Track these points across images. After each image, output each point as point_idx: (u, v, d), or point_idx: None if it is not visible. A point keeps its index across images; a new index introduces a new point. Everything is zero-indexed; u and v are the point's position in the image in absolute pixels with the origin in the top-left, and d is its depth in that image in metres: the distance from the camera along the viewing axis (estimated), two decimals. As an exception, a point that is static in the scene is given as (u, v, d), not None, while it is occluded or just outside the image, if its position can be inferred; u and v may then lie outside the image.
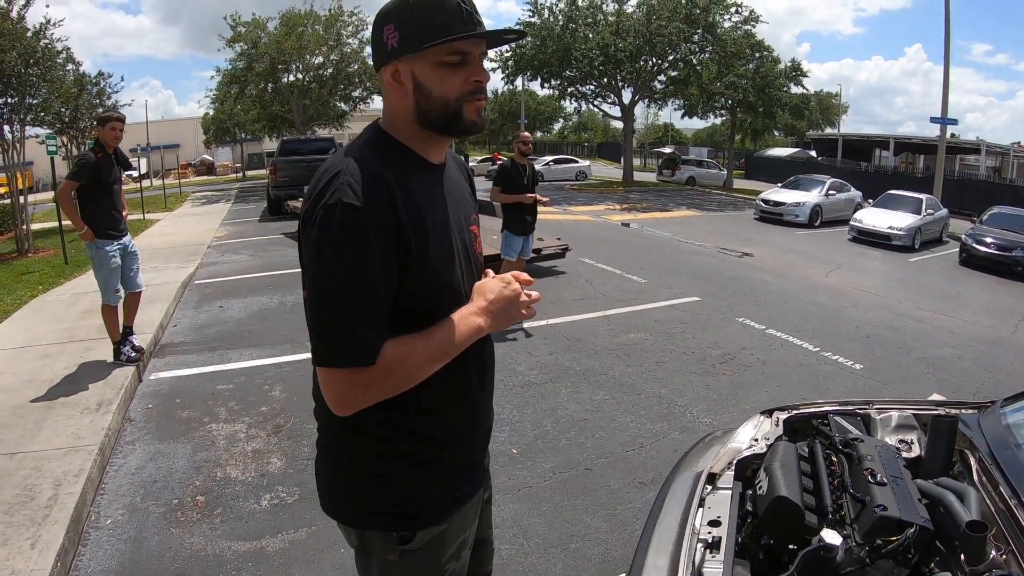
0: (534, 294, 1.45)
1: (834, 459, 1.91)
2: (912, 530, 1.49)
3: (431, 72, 1.28)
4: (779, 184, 21.43)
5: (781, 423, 2.28)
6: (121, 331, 5.61)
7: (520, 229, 6.86)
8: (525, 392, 5.09)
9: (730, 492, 1.87)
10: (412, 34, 1.26)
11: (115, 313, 5.52)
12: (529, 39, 28.99)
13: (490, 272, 1.50)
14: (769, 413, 2.38)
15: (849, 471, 1.80)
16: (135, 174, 35.64)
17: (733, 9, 28.35)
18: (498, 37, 1.37)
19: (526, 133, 7.10)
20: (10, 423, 4.36)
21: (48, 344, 6.18)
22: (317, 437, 1.48)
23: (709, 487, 1.95)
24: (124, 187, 5.99)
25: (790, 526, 1.61)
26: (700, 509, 1.82)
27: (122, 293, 5.55)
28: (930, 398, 5.21)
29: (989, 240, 13.75)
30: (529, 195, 6.69)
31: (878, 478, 1.68)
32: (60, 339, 6.34)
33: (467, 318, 1.33)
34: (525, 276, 1.46)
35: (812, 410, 2.36)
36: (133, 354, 5.58)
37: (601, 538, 3.20)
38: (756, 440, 2.17)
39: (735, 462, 2.04)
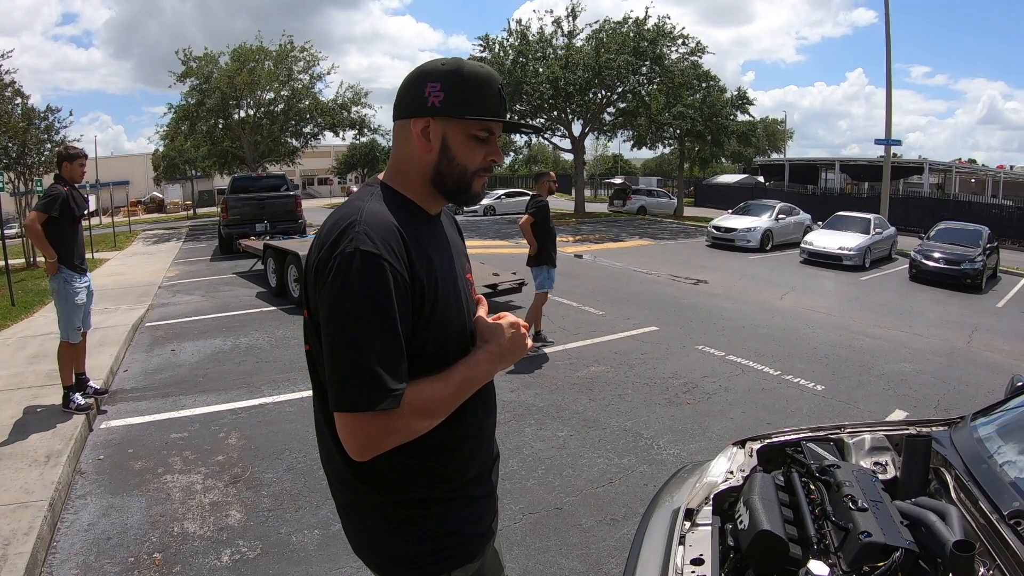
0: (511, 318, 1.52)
1: (812, 487, 1.90)
2: (898, 554, 1.50)
3: (462, 140, 1.37)
4: (729, 211, 21.94)
5: (755, 453, 2.28)
6: (73, 378, 5.41)
7: (553, 262, 7.19)
8: (490, 430, 4.99)
9: (710, 528, 1.85)
10: (458, 101, 1.34)
11: (73, 353, 5.37)
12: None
13: (480, 311, 1.54)
14: (742, 444, 2.37)
15: (829, 499, 1.80)
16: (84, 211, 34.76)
17: (680, 41, 29.20)
18: (516, 127, 1.49)
19: (552, 172, 7.64)
20: None
21: (-8, 392, 5.90)
22: (335, 497, 1.50)
23: (688, 524, 1.92)
24: None
25: (775, 559, 1.60)
26: (681, 547, 1.79)
27: (81, 331, 5.41)
28: (897, 417, 5.30)
29: (937, 255, 14.28)
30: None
31: (859, 504, 1.68)
32: (6, 386, 6.05)
33: (481, 361, 1.39)
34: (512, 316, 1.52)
35: (785, 438, 2.37)
36: (82, 402, 5.34)
37: (577, 579, 3.14)
38: (731, 472, 2.16)
39: (712, 496, 2.02)
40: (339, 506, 1.50)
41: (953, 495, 1.85)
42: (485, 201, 35.28)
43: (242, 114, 29.88)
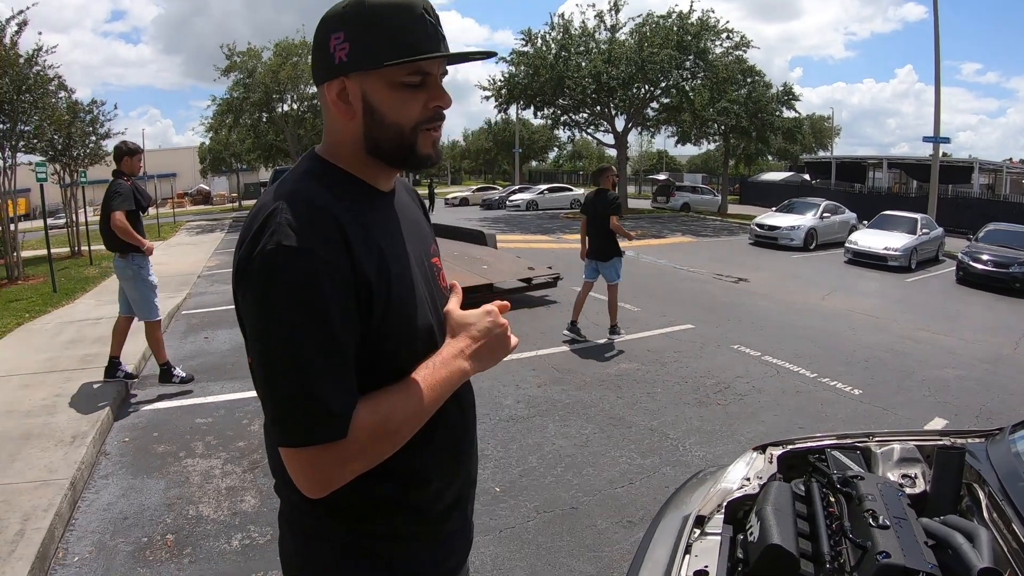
0: (493, 306, 1.27)
1: (832, 499, 1.76)
2: (918, 578, 1.35)
3: (387, 94, 1.08)
4: (773, 208, 21.46)
5: (775, 460, 2.14)
6: (110, 358, 5.67)
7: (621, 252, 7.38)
8: (511, 427, 4.92)
9: (719, 538, 1.73)
10: (367, 47, 1.05)
11: (160, 329, 5.72)
12: (522, 69, 29.21)
13: (452, 301, 1.27)
14: (763, 449, 2.24)
15: (848, 513, 1.66)
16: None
17: (724, 35, 28.66)
18: (463, 57, 1.15)
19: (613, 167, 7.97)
20: None
21: (29, 374, 6.05)
22: (281, 508, 1.24)
23: (698, 531, 1.80)
24: None
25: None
26: (687, 556, 1.68)
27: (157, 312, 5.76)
28: (934, 427, 5.06)
29: (986, 257, 13.72)
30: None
31: (880, 520, 1.54)
32: (42, 369, 6.21)
33: (449, 362, 1.13)
34: (502, 302, 1.27)
35: (808, 445, 2.22)
36: (183, 374, 5.84)
37: (587, 582, 3.04)
38: (748, 479, 2.02)
39: (725, 504, 1.89)
40: (284, 520, 1.25)
41: (985, 514, 1.70)
42: (528, 195, 35.43)
43: (286, 108, 30.35)
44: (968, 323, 9.72)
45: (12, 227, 12.03)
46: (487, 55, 1.18)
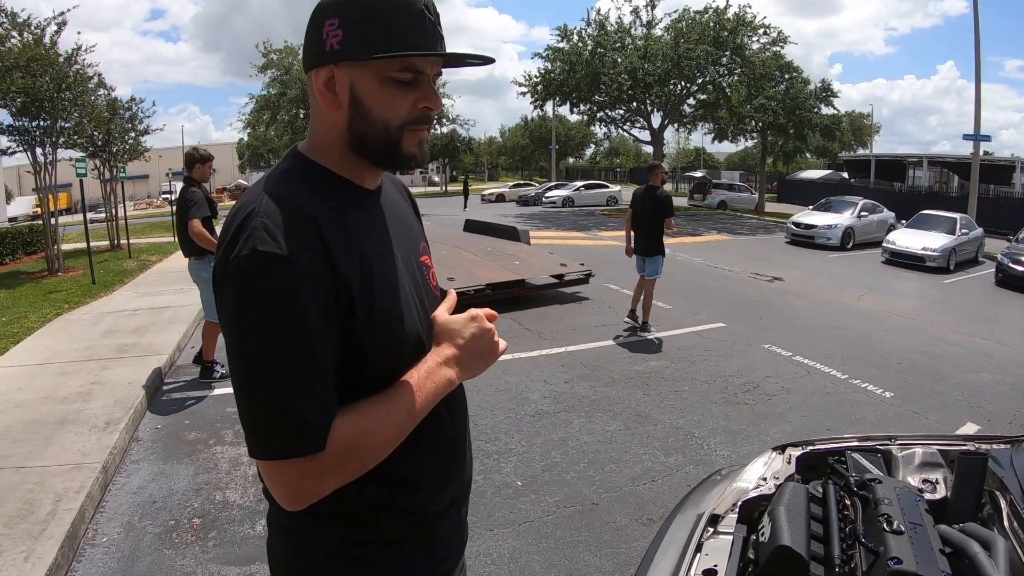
0: (481, 311, 1.24)
1: (848, 502, 1.73)
2: (930, 587, 1.32)
3: (376, 88, 1.04)
4: (810, 207, 21.08)
5: (794, 460, 2.11)
6: (205, 361, 5.96)
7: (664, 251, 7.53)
8: (536, 422, 4.93)
9: (731, 537, 1.71)
10: (360, 37, 1.01)
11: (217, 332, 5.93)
12: (558, 64, 29.13)
13: (441, 307, 1.24)
14: (782, 449, 2.21)
15: (863, 517, 1.63)
16: (171, 196, 36.66)
17: (761, 31, 28.21)
18: (459, 59, 1.11)
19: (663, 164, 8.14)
20: (21, 438, 4.41)
21: (67, 362, 6.22)
22: (269, 515, 1.22)
23: (711, 530, 1.78)
24: (156, 209, 6.24)
25: (793, 579, 1.44)
26: (697, 555, 1.66)
27: None
28: (960, 432, 4.94)
29: (1026, 259, 13.28)
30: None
31: (894, 525, 1.50)
32: (79, 357, 6.37)
33: (435, 371, 1.10)
34: (488, 310, 1.23)
35: (828, 446, 2.18)
36: (224, 371, 5.92)
37: (602, 579, 3.03)
38: (765, 479, 2.00)
39: (740, 503, 1.87)
40: (273, 523, 1.21)
41: (1006, 523, 1.65)
42: (564, 192, 35.40)
43: (323, 104, 30.69)
44: (1006, 326, 9.43)
45: (53, 221, 12.37)
46: (485, 60, 1.12)
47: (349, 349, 1.02)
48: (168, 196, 36.20)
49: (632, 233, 7.57)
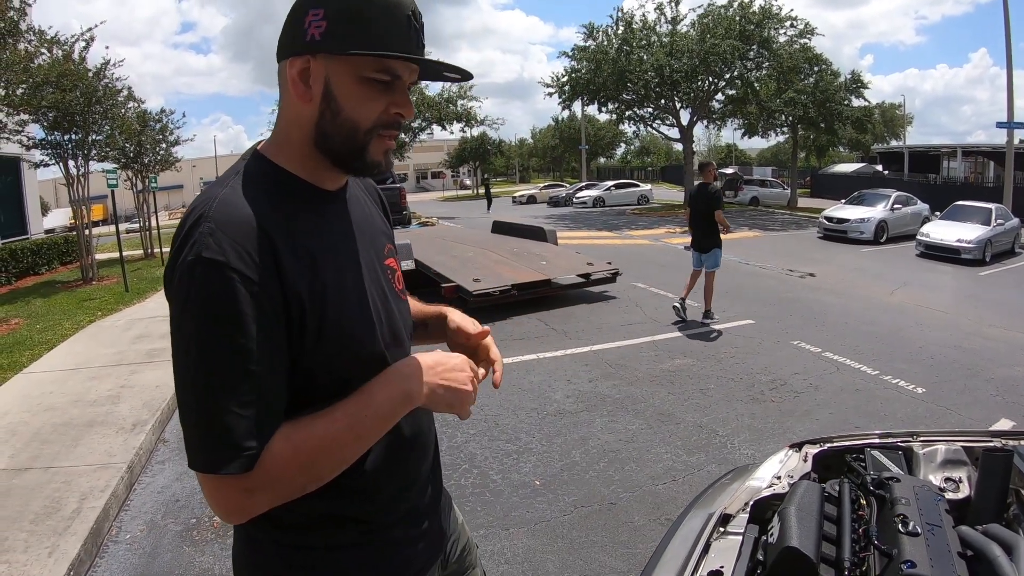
0: (480, 372, 1.19)
1: (863, 502, 1.67)
2: (945, 592, 1.25)
3: (351, 86, 1.00)
4: (843, 200, 20.69)
5: (811, 459, 2.04)
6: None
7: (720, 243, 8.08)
8: (557, 421, 4.89)
9: (741, 538, 1.65)
10: (343, 31, 0.98)
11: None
12: (584, 64, 29.01)
13: (455, 315, 1.26)
14: (799, 447, 2.14)
15: (878, 517, 1.56)
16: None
17: (788, 23, 27.71)
18: (437, 71, 1.08)
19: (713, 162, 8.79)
20: (51, 439, 4.54)
21: (98, 367, 6.35)
22: None
23: (720, 530, 1.73)
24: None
25: (800, 582, 1.39)
26: (704, 556, 1.61)
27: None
28: (989, 428, 4.77)
29: (1064, 249, 12.88)
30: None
31: (910, 527, 1.43)
32: (109, 362, 6.50)
33: (391, 383, 1.04)
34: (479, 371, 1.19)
35: (847, 443, 2.11)
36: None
37: (617, 580, 2.98)
38: (779, 478, 1.93)
39: (752, 503, 1.81)
40: (236, 529, 1.17)
41: None
42: (594, 192, 35.35)
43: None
44: (1044, 319, 9.13)
45: (87, 232, 12.65)
46: (463, 75, 1.09)
47: (300, 361, 0.98)
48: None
49: (691, 229, 8.13)
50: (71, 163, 12.50)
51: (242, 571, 1.16)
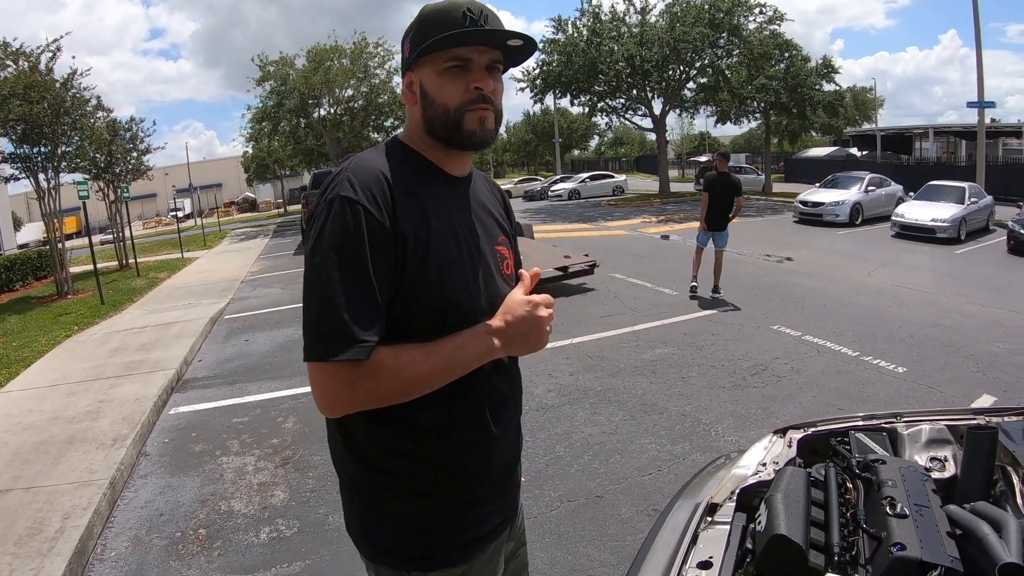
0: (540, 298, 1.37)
1: (849, 485, 1.66)
2: (937, 572, 1.24)
3: (435, 79, 1.26)
4: (817, 184, 20.86)
5: (795, 444, 2.03)
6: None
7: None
8: (540, 416, 4.86)
9: (728, 527, 1.64)
10: (418, 45, 1.25)
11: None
12: (555, 57, 29.01)
13: (518, 287, 1.38)
14: (783, 432, 2.13)
15: (865, 500, 1.55)
16: (179, 214, 36.82)
17: (757, 10, 27.84)
18: (502, 42, 1.28)
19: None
20: (32, 459, 4.47)
21: (75, 382, 6.26)
22: (340, 479, 1.40)
23: (708, 519, 1.72)
24: (165, 227, 6.21)
25: (790, 568, 1.38)
26: (693, 547, 1.60)
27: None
28: (981, 404, 4.83)
29: (1038, 225, 13.05)
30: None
31: (898, 508, 1.42)
32: (87, 377, 6.41)
33: (480, 336, 1.24)
34: (547, 297, 1.38)
35: (831, 427, 2.11)
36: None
37: (606, 573, 2.96)
38: (764, 465, 1.93)
39: (738, 491, 1.80)
40: (340, 484, 1.41)
41: (1019, 500, 1.57)
42: (569, 185, 35.39)
43: (322, 112, 30.67)
44: (1019, 294, 9.25)
45: (60, 245, 12.45)
46: (526, 41, 1.28)
47: (399, 298, 1.19)
48: (176, 213, 36.36)
49: (707, 212, 8.74)
50: (41, 176, 12.29)
51: (346, 509, 1.38)
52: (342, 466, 1.35)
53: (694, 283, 8.81)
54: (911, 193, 18.18)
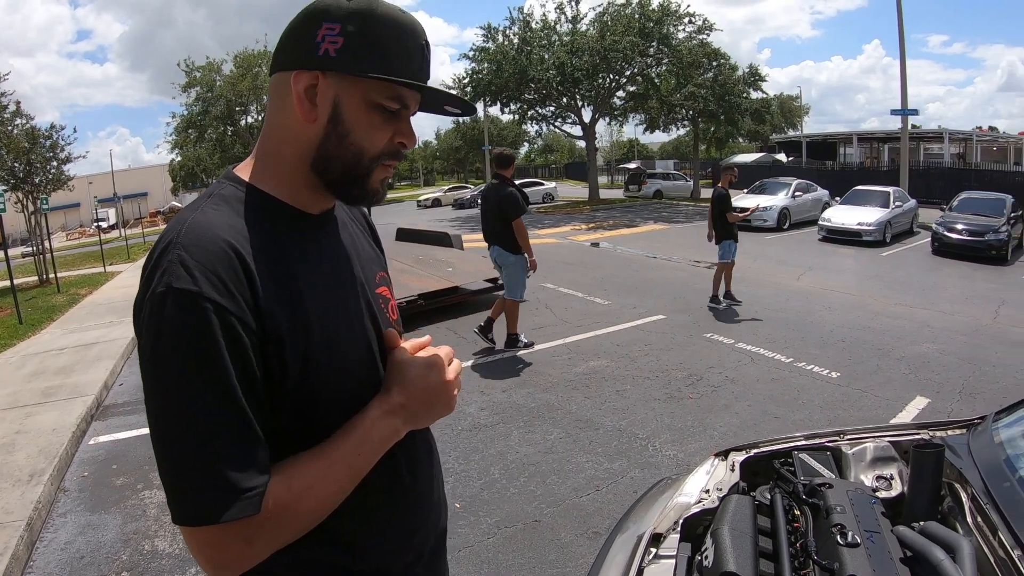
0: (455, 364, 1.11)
1: (797, 512, 1.63)
2: (892, 604, 1.22)
3: (362, 110, 0.95)
4: (745, 190, 21.43)
5: (738, 467, 2.00)
6: (509, 334, 6.83)
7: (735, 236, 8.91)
8: (473, 436, 4.74)
9: (674, 560, 1.59)
10: (361, 52, 0.92)
11: (518, 310, 6.77)
12: (485, 65, 29.08)
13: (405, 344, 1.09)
14: (724, 455, 2.10)
15: (814, 528, 1.53)
16: (103, 224, 35.10)
17: (686, 20, 28.62)
18: (439, 103, 1.05)
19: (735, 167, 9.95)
20: None
21: (-13, 412, 5.82)
22: None
23: (652, 551, 1.67)
24: (88, 238, 5.85)
25: (742, 607, 1.33)
26: (639, 583, 1.54)
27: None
28: (915, 406, 4.99)
29: (960, 226, 13.73)
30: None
31: (849, 537, 1.40)
32: (2, 405, 6.01)
33: (377, 422, 0.97)
34: (450, 351, 1.12)
35: (773, 448, 2.09)
36: (526, 340, 6.83)
37: (548, 603, 2.89)
38: (707, 491, 1.89)
39: (682, 521, 1.76)
40: None
41: (968, 518, 1.56)
42: (497, 193, 35.10)
43: (250, 120, 29.92)
44: (945, 295, 9.71)
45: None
46: (466, 109, 1.06)
47: (281, 398, 0.91)
48: (101, 224, 34.71)
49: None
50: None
51: None
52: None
53: (722, 299, 8.94)
54: (837, 198, 18.89)
